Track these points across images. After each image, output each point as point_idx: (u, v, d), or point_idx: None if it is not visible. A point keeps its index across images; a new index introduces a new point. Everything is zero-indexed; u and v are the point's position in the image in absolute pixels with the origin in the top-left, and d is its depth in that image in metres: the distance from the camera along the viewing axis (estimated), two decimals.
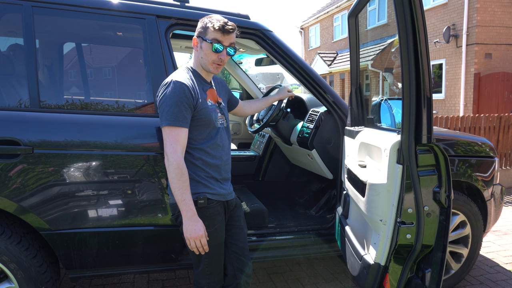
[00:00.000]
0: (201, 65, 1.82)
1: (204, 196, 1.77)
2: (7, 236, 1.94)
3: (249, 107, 2.37)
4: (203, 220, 1.76)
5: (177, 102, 1.67)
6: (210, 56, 1.77)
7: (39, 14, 2.01)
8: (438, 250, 1.89)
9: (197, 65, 1.84)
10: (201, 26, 1.77)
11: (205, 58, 1.78)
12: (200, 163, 1.79)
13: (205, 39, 1.74)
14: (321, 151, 2.74)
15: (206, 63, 1.79)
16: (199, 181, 1.78)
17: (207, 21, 1.76)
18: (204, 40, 1.75)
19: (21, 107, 1.96)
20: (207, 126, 1.80)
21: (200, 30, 1.77)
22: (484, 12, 11.08)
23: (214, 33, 1.73)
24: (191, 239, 1.70)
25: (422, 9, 1.66)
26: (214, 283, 1.90)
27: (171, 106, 1.67)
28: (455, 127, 5.34)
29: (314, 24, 22.69)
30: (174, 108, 1.67)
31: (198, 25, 1.79)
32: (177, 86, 1.69)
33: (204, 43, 1.76)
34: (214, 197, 1.80)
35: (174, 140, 1.68)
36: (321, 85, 2.56)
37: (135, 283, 2.89)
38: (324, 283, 2.87)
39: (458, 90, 11.92)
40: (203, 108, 1.77)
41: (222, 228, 1.87)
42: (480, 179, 2.64)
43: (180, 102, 1.68)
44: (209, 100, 1.83)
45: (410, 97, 1.72)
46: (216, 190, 1.81)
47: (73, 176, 1.99)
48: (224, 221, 1.88)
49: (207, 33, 1.74)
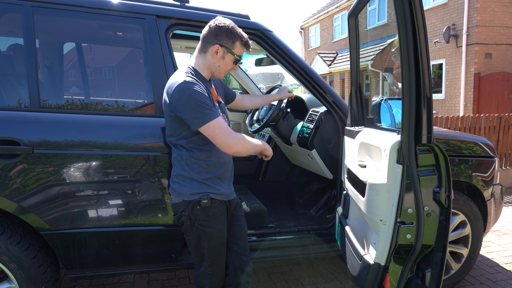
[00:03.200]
0: (210, 70, 1.83)
1: (208, 196, 1.77)
2: (7, 236, 1.94)
3: (249, 101, 2.38)
4: (206, 219, 1.77)
5: (202, 99, 1.67)
6: (229, 67, 1.82)
7: (39, 14, 2.01)
8: (438, 250, 1.89)
9: (202, 68, 1.83)
10: (228, 37, 1.76)
11: (223, 68, 1.81)
12: (204, 164, 1.79)
13: (232, 52, 1.77)
14: (321, 151, 2.74)
15: (220, 72, 1.82)
16: (203, 181, 1.78)
17: (236, 33, 1.77)
18: (229, 52, 1.77)
19: (21, 107, 1.96)
20: None
21: (227, 41, 1.76)
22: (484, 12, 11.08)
23: (241, 48, 1.78)
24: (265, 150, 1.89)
25: (422, 9, 1.66)
26: (215, 283, 1.90)
27: (199, 105, 1.67)
28: (455, 127, 5.34)
29: (314, 24, 22.69)
30: (203, 105, 1.67)
31: (221, 33, 1.76)
32: (193, 85, 1.68)
33: (229, 55, 1.78)
34: (217, 197, 1.80)
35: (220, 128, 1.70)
36: (321, 85, 2.56)
37: (135, 283, 2.89)
38: (324, 283, 2.87)
39: (458, 90, 11.92)
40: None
41: (225, 227, 1.88)
42: (480, 179, 2.64)
43: (203, 98, 1.68)
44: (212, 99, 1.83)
45: (410, 97, 1.72)
46: (219, 190, 1.82)
47: (73, 176, 1.99)
48: (226, 221, 1.89)
49: (235, 47, 1.77)
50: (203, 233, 1.81)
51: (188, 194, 1.78)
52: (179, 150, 1.81)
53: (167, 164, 2.06)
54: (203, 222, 1.79)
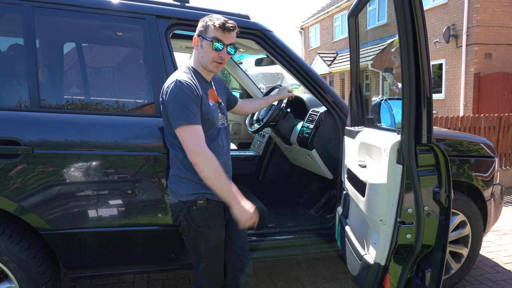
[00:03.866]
0: (201, 64, 1.82)
1: (204, 196, 1.77)
2: (7, 236, 1.94)
3: (249, 105, 2.37)
4: (202, 220, 1.77)
5: (187, 102, 1.67)
6: (211, 55, 1.76)
7: (39, 14, 2.01)
8: (438, 250, 1.89)
9: (197, 65, 1.83)
10: (202, 25, 1.77)
11: (205, 57, 1.77)
12: None
13: (206, 37, 1.74)
14: (321, 151, 2.74)
15: (206, 62, 1.79)
16: (199, 182, 1.77)
17: (208, 20, 1.76)
18: (204, 38, 1.75)
19: (21, 107, 1.96)
20: (211, 127, 1.79)
21: (201, 29, 1.77)
22: (484, 12, 11.08)
23: (215, 31, 1.73)
24: (249, 219, 1.73)
25: (422, 9, 1.66)
26: (214, 283, 1.90)
27: (182, 106, 1.66)
28: (455, 127, 5.34)
29: (314, 24, 22.69)
30: (186, 107, 1.66)
31: (198, 25, 1.79)
32: (183, 86, 1.68)
33: (205, 42, 1.75)
34: (213, 198, 1.79)
35: (194, 136, 1.67)
36: (321, 85, 2.56)
37: (135, 283, 2.89)
38: (324, 283, 2.87)
39: (458, 90, 11.92)
40: (206, 108, 1.76)
41: (222, 228, 1.88)
42: (480, 179, 2.64)
43: (189, 101, 1.67)
44: (210, 100, 1.83)
45: (410, 97, 1.72)
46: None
47: (73, 176, 1.99)
48: (224, 221, 1.88)
49: (208, 31, 1.74)
50: (200, 233, 1.80)
51: (184, 194, 1.78)
52: (175, 151, 1.80)
53: (166, 164, 2.06)
54: (200, 223, 1.79)
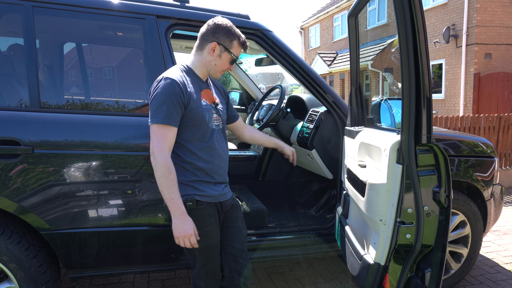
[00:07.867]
0: (206, 68, 1.80)
1: (192, 198, 1.74)
2: (7, 236, 1.94)
3: (250, 133, 2.17)
4: (193, 221, 1.72)
5: (167, 100, 1.64)
6: (225, 66, 1.80)
7: (39, 14, 2.01)
8: (438, 250, 1.89)
9: (197, 66, 1.80)
10: (225, 34, 1.75)
11: (219, 67, 1.79)
12: (190, 167, 1.75)
13: (230, 51, 1.76)
14: (321, 151, 2.74)
15: (216, 71, 1.80)
16: (188, 184, 1.75)
17: (232, 30, 1.75)
18: (227, 51, 1.76)
19: (22, 107, 1.96)
20: (200, 127, 1.75)
21: (225, 39, 1.75)
22: (484, 12, 11.08)
23: (238, 48, 1.77)
24: (180, 238, 1.68)
25: (422, 9, 1.66)
26: (211, 284, 1.88)
27: (160, 104, 1.64)
28: (455, 127, 5.34)
29: (314, 24, 22.69)
30: (163, 105, 1.64)
31: (219, 31, 1.75)
32: (168, 83, 1.66)
33: (226, 54, 1.77)
34: (204, 199, 1.77)
35: (162, 138, 1.64)
36: (321, 85, 2.56)
37: (135, 283, 2.90)
38: (324, 283, 2.87)
39: (458, 90, 11.93)
40: (196, 107, 1.72)
41: (215, 229, 1.84)
42: (480, 179, 2.64)
43: (170, 100, 1.64)
44: (204, 100, 1.78)
45: (410, 97, 1.72)
46: (206, 192, 1.77)
47: (73, 176, 1.99)
48: (217, 222, 1.85)
49: (233, 46, 1.76)
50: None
51: None
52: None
53: None
54: None
